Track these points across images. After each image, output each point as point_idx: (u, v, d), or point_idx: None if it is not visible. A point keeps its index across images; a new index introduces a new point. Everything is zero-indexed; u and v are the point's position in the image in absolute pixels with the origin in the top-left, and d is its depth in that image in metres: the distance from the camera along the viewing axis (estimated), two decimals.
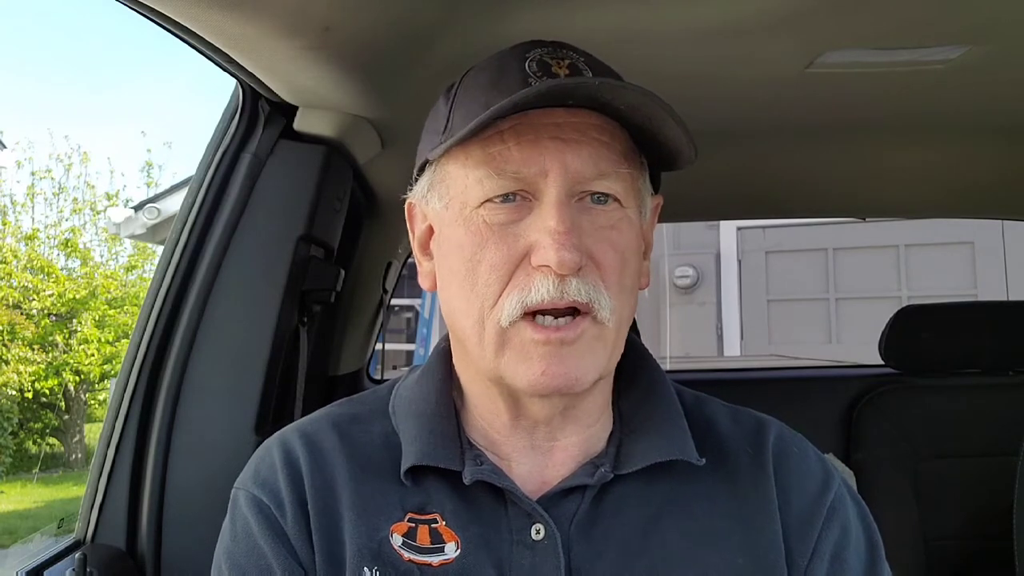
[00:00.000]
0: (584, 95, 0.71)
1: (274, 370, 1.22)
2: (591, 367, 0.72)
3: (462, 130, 0.70)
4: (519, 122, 0.72)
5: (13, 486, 8.07)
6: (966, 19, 1.04)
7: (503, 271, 0.71)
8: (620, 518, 0.76)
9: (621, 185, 0.74)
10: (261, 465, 0.81)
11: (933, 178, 1.80)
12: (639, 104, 0.70)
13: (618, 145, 0.74)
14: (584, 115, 0.73)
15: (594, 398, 0.79)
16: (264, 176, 1.24)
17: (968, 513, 1.96)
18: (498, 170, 0.71)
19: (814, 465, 0.83)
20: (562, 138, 0.71)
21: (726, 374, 2.83)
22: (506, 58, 0.76)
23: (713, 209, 2.40)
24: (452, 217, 0.75)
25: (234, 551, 0.78)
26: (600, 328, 0.72)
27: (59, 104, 27.11)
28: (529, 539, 0.74)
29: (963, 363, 2.06)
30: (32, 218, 11.04)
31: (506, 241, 0.72)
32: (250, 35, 0.98)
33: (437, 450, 0.77)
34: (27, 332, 9.03)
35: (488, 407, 0.79)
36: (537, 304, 0.70)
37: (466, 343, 0.76)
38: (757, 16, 1.03)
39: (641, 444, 0.78)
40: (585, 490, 0.76)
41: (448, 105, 0.78)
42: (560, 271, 0.69)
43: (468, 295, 0.73)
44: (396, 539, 0.75)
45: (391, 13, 1.00)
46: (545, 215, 0.70)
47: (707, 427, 0.83)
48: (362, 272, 1.75)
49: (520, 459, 0.79)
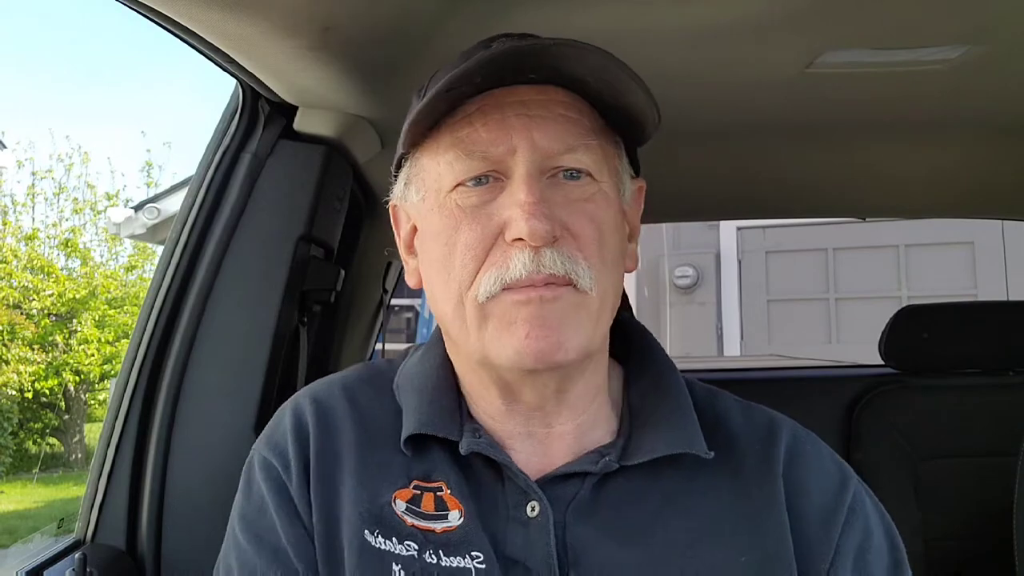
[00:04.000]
0: (547, 65, 0.71)
1: (274, 370, 1.22)
2: (574, 333, 0.71)
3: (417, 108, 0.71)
4: (484, 103, 0.72)
5: (13, 486, 8.07)
6: (966, 19, 1.04)
7: (478, 250, 0.72)
8: (621, 508, 0.75)
9: (591, 158, 0.73)
10: (274, 429, 0.83)
11: (933, 178, 1.80)
12: (600, 68, 0.70)
13: (585, 120, 0.74)
14: (550, 91, 0.73)
15: (586, 381, 0.78)
16: (264, 176, 1.24)
17: (968, 513, 1.96)
18: (467, 152, 0.72)
19: (830, 464, 0.81)
20: (528, 114, 0.72)
21: (726, 374, 2.83)
22: (472, 49, 0.77)
23: (713, 209, 2.39)
24: (428, 207, 0.76)
25: (246, 511, 0.80)
26: (582, 296, 0.71)
27: (60, 104, 27.12)
28: (524, 516, 0.74)
29: (963, 363, 2.06)
30: (32, 218, 11.06)
31: (479, 221, 0.72)
32: (250, 35, 0.98)
33: (435, 420, 0.77)
34: (27, 332, 9.03)
35: (482, 394, 0.79)
36: (515, 279, 0.70)
37: (450, 328, 0.77)
38: (757, 16, 1.03)
39: (649, 436, 0.77)
40: (586, 478, 0.76)
41: (419, 100, 0.78)
42: (532, 241, 0.69)
43: (447, 279, 0.74)
44: (399, 504, 0.75)
45: (391, 13, 1.00)
46: (515, 190, 0.71)
47: (717, 421, 0.82)
48: (362, 272, 1.75)
49: (518, 446, 0.78)
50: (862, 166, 1.71)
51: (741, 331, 7.75)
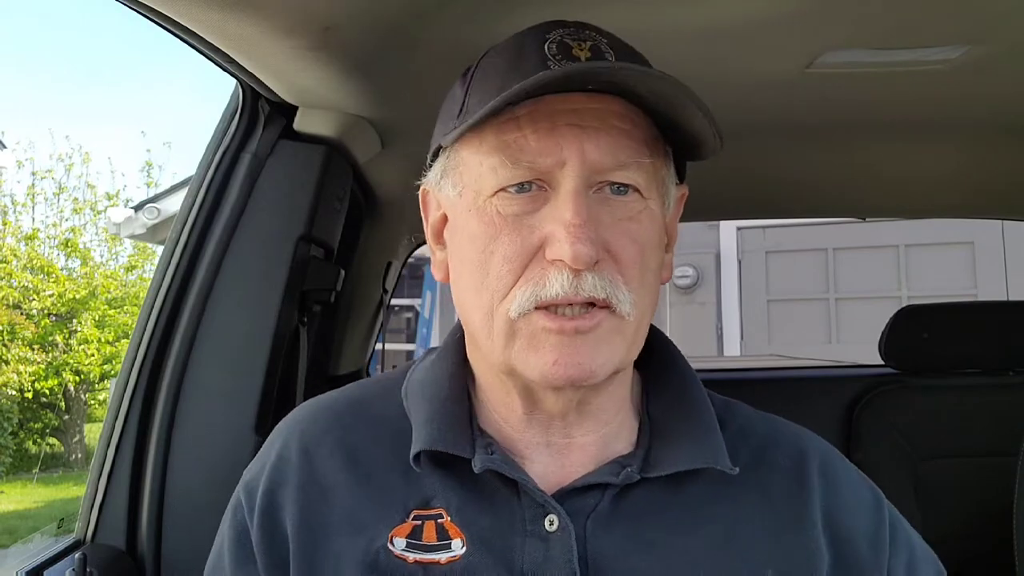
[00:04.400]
0: (605, 80, 0.68)
1: (274, 370, 1.22)
2: (607, 359, 0.69)
3: (475, 115, 0.67)
4: (536, 108, 0.68)
5: (13, 486, 8.07)
6: (966, 19, 1.04)
7: (516, 264, 0.68)
8: (642, 520, 0.73)
9: (642, 175, 0.70)
10: (257, 462, 0.81)
11: (933, 178, 1.80)
12: (662, 92, 0.67)
13: (640, 133, 0.70)
14: (605, 100, 0.69)
15: (611, 393, 0.76)
16: (264, 176, 1.24)
17: (968, 513, 1.95)
18: (513, 159, 0.68)
19: (860, 482, 0.81)
20: (580, 125, 0.68)
21: (726, 374, 2.82)
22: (525, 39, 0.73)
23: (713, 209, 2.39)
24: (465, 205, 0.72)
25: (213, 551, 0.80)
26: (619, 321, 0.69)
27: (60, 104, 27.12)
28: (543, 530, 0.71)
29: (963, 363, 2.06)
30: (32, 218, 11.06)
31: (520, 232, 0.68)
32: (250, 35, 0.98)
33: (447, 435, 0.74)
34: (27, 332, 9.03)
35: (502, 400, 0.76)
36: (551, 299, 0.67)
37: (476, 336, 0.74)
38: (757, 16, 1.03)
39: (672, 448, 0.75)
40: (606, 489, 0.73)
41: (464, 88, 0.75)
42: (575, 265, 0.66)
43: (479, 287, 0.70)
44: (398, 543, 0.72)
45: (391, 13, 1.00)
46: (561, 206, 0.67)
47: (740, 434, 0.80)
48: (362, 272, 1.75)
49: (535, 456, 0.76)
50: (862, 166, 1.71)
51: (741, 331, 7.75)
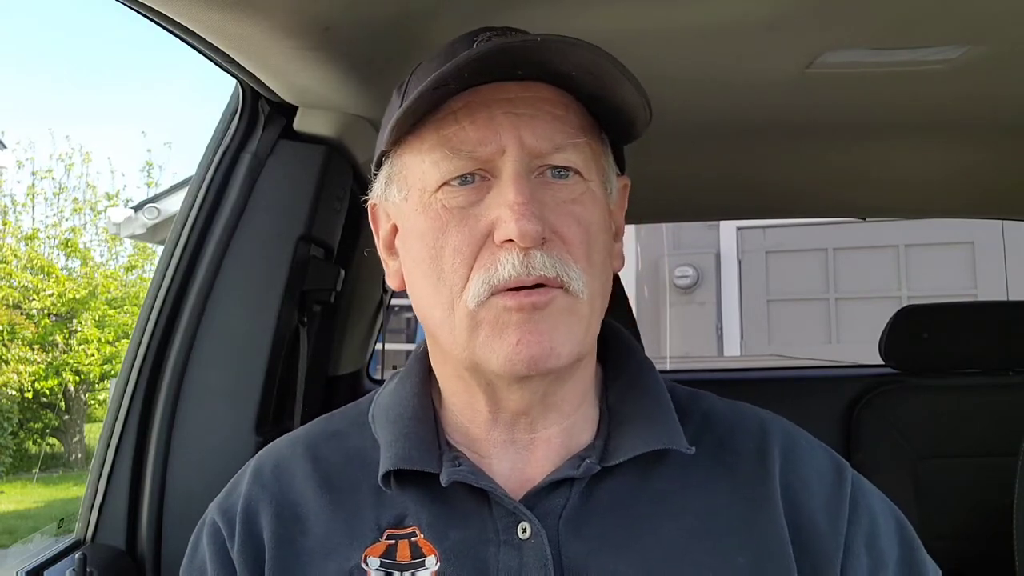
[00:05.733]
0: (534, 61, 0.69)
1: (274, 370, 1.22)
2: (566, 339, 0.70)
3: (404, 106, 0.69)
4: (471, 100, 0.70)
5: (13, 486, 8.07)
6: (966, 19, 1.04)
7: (467, 253, 0.70)
8: (612, 514, 0.73)
9: (580, 157, 0.72)
10: (229, 493, 0.82)
11: (933, 178, 1.80)
12: (589, 64, 0.69)
13: (573, 118, 0.72)
14: (537, 88, 0.71)
15: (574, 384, 0.76)
16: (264, 176, 1.24)
17: (968, 513, 1.96)
18: (454, 150, 0.70)
19: (824, 458, 0.81)
20: (516, 112, 0.70)
21: (726, 374, 2.83)
22: (454, 43, 0.75)
23: (713, 209, 2.40)
24: (412, 207, 0.74)
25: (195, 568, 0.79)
26: (572, 300, 0.70)
27: (60, 104, 27.13)
28: (516, 539, 0.71)
29: (963, 363, 2.06)
30: (32, 218, 11.07)
31: (467, 223, 0.70)
32: (250, 35, 0.98)
33: (413, 453, 0.74)
34: (27, 332, 9.03)
35: (467, 402, 0.77)
36: (504, 282, 0.68)
37: (438, 334, 0.75)
38: (757, 16, 1.03)
39: (628, 435, 0.76)
40: (572, 484, 0.74)
41: (400, 96, 0.77)
42: (522, 243, 0.67)
43: (435, 283, 0.72)
44: (372, 562, 0.72)
45: (391, 13, 1.00)
46: (504, 190, 0.69)
47: (705, 420, 0.81)
48: (362, 272, 1.75)
49: (500, 456, 0.76)
50: (862, 166, 1.71)
51: (741, 331, 7.75)
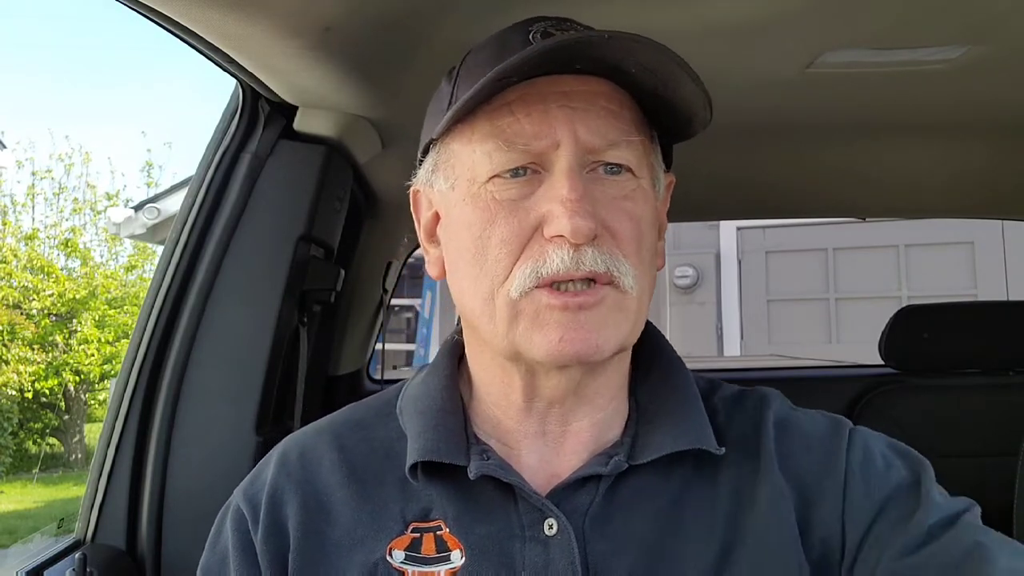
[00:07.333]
0: (595, 56, 0.68)
1: (274, 370, 1.22)
2: (612, 335, 0.69)
3: (465, 96, 0.67)
4: (526, 92, 0.69)
5: (13, 486, 8.07)
6: (966, 19, 1.04)
7: (514, 245, 0.69)
8: (636, 511, 0.73)
9: (633, 154, 0.71)
10: (255, 478, 0.81)
11: (933, 178, 1.80)
12: (652, 64, 0.68)
13: (627, 114, 0.72)
14: (593, 83, 0.70)
15: (608, 376, 0.76)
16: (264, 176, 1.24)
17: None
18: (507, 143, 0.69)
19: (819, 417, 0.80)
20: (571, 107, 0.69)
21: (726, 374, 2.82)
22: (508, 33, 0.74)
23: (713, 209, 2.39)
24: (459, 196, 0.73)
25: (210, 562, 0.79)
26: (622, 296, 0.69)
27: (60, 104, 27.13)
28: (542, 535, 0.71)
29: (963, 363, 2.06)
30: (32, 218, 11.07)
31: (516, 215, 0.69)
32: (250, 35, 0.98)
33: (441, 445, 0.74)
34: (27, 332, 9.03)
35: (502, 391, 0.76)
36: (552, 274, 0.67)
37: (477, 324, 0.74)
38: (757, 16, 1.03)
39: (658, 433, 0.75)
40: (599, 481, 0.73)
41: (451, 84, 0.75)
42: (574, 239, 0.66)
43: (478, 274, 0.71)
44: (396, 556, 0.72)
45: (391, 13, 1.00)
46: (556, 184, 0.68)
47: (724, 413, 0.80)
48: (362, 272, 1.75)
49: (530, 448, 0.76)
50: (862, 166, 1.71)
51: (741, 331, 7.75)
